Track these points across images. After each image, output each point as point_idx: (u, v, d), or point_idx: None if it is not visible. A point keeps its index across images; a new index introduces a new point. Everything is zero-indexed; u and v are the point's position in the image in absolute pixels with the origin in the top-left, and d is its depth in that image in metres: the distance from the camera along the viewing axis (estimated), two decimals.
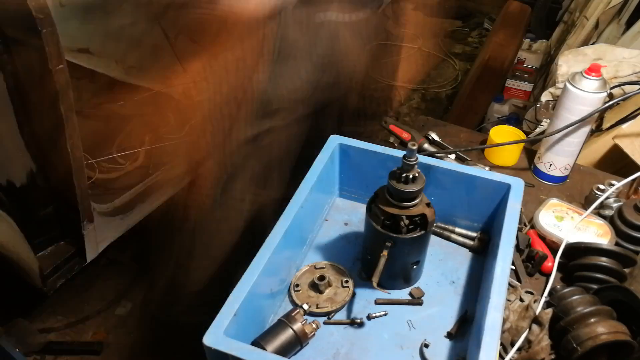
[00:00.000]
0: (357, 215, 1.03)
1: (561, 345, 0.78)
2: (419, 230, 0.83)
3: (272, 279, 0.82)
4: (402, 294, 0.89)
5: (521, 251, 0.97)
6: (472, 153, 1.24)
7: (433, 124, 1.36)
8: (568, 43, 2.27)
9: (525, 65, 2.62)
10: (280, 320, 0.79)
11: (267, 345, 0.75)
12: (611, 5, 2.07)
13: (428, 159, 0.94)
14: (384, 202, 0.82)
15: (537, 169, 1.18)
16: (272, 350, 0.75)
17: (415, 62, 3.23)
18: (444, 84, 3.44)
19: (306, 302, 0.86)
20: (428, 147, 1.18)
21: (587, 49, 1.66)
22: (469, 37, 3.92)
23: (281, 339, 0.77)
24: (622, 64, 1.54)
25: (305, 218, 0.91)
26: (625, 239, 0.97)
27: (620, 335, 0.75)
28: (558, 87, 1.65)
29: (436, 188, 0.93)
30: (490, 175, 0.92)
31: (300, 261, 0.94)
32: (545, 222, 1.00)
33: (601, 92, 1.03)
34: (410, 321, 0.85)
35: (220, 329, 0.68)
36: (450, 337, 0.82)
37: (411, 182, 0.79)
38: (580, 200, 1.12)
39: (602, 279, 0.88)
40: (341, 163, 1.01)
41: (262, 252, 0.78)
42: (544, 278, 0.95)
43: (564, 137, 1.10)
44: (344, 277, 0.90)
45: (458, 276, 0.92)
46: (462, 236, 0.98)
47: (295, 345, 0.78)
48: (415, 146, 0.76)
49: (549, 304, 0.84)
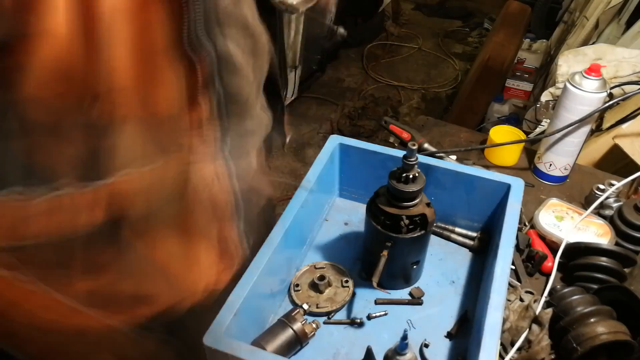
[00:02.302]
0: (357, 215, 1.03)
1: (561, 345, 0.78)
2: (419, 230, 0.83)
3: (272, 278, 0.82)
4: (402, 294, 0.89)
5: (521, 251, 0.97)
6: (472, 153, 1.24)
7: (433, 124, 1.36)
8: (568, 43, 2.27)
9: (525, 65, 2.63)
10: (280, 320, 0.79)
11: (267, 345, 0.75)
12: (611, 5, 2.07)
13: (428, 159, 0.94)
14: (384, 202, 0.82)
15: (537, 169, 1.18)
16: (272, 350, 0.75)
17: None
18: (444, 84, 3.44)
19: (306, 302, 0.86)
20: (428, 147, 1.18)
21: (587, 49, 1.65)
22: (469, 37, 3.92)
23: (281, 338, 0.77)
24: (622, 64, 1.54)
25: (305, 218, 0.91)
26: (625, 238, 0.97)
27: (620, 335, 0.75)
28: (558, 87, 1.65)
29: (436, 188, 0.93)
30: (490, 175, 0.92)
31: (300, 261, 0.94)
32: (545, 222, 1.00)
33: (601, 92, 1.03)
34: (410, 321, 0.85)
35: (220, 329, 0.68)
36: (450, 337, 0.82)
37: (411, 182, 0.79)
38: (580, 200, 1.12)
39: (602, 279, 0.88)
40: (341, 163, 1.01)
41: (262, 251, 0.78)
42: (544, 278, 0.95)
43: (564, 137, 1.10)
44: (344, 277, 0.90)
45: (458, 276, 0.92)
46: (462, 236, 0.98)
47: (295, 345, 0.78)
48: (415, 146, 0.76)
49: (549, 304, 0.84)
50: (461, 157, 1.20)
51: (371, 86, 3.39)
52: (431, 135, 1.30)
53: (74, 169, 0.53)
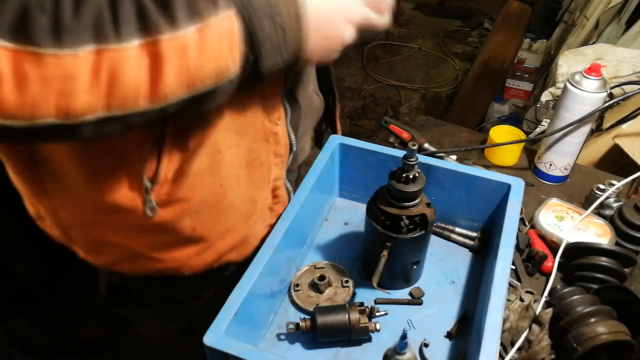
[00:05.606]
0: (357, 215, 1.03)
1: (561, 345, 0.78)
2: (419, 230, 0.83)
3: (272, 278, 0.82)
4: (402, 294, 0.89)
5: (521, 251, 0.97)
6: (472, 153, 1.24)
7: (433, 124, 1.36)
8: (568, 43, 2.28)
9: (525, 65, 2.63)
10: (343, 305, 0.81)
11: (319, 316, 0.78)
12: (611, 5, 2.07)
13: (428, 159, 0.94)
14: (384, 202, 0.82)
15: (537, 168, 1.18)
16: (320, 322, 0.78)
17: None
18: (444, 84, 3.44)
19: (306, 302, 0.86)
20: (428, 147, 1.18)
21: (587, 49, 1.66)
22: (469, 37, 3.92)
23: (334, 318, 0.79)
24: (622, 63, 1.54)
25: (305, 218, 0.91)
26: (626, 238, 0.97)
27: (620, 335, 0.75)
28: (558, 87, 1.65)
29: (436, 188, 0.93)
30: (490, 175, 0.92)
31: (300, 261, 0.94)
32: (545, 222, 1.00)
33: (601, 92, 1.03)
34: (410, 321, 0.85)
35: (220, 328, 0.68)
36: (450, 337, 0.82)
37: (411, 182, 0.79)
38: (581, 200, 1.12)
39: (602, 279, 0.88)
40: (341, 163, 1.01)
41: (262, 251, 0.78)
42: (544, 278, 0.95)
43: (564, 136, 1.10)
44: (344, 277, 0.90)
45: (458, 276, 0.92)
46: (462, 236, 0.98)
47: (343, 333, 0.79)
48: (415, 146, 0.76)
49: (549, 304, 0.84)
50: (461, 157, 1.20)
51: (371, 86, 3.39)
52: (431, 135, 1.30)
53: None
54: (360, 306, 0.80)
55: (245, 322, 0.73)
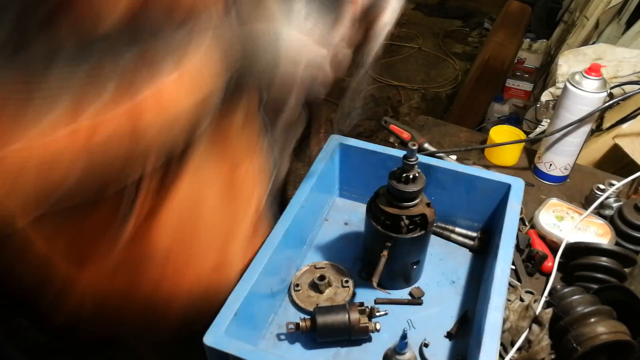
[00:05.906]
0: (357, 215, 1.03)
1: (561, 345, 0.78)
2: (419, 230, 0.83)
3: (272, 278, 0.82)
4: (402, 294, 0.89)
5: (521, 251, 0.97)
6: (472, 153, 1.24)
7: (433, 124, 1.36)
8: (568, 43, 2.27)
9: (525, 65, 2.63)
10: (343, 305, 0.81)
11: (320, 316, 0.78)
12: (611, 5, 2.07)
13: (428, 159, 0.94)
14: (384, 202, 0.82)
15: (537, 168, 1.18)
16: (320, 322, 0.77)
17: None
18: (444, 84, 3.44)
19: (306, 302, 0.86)
20: (428, 147, 1.18)
21: (587, 49, 1.65)
22: (469, 37, 3.92)
23: (334, 318, 0.78)
24: (622, 63, 1.54)
25: (305, 218, 0.91)
26: (626, 238, 0.97)
27: (620, 335, 0.75)
28: (558, 87, 1.65)
29: (436, 188, 0.93)
30: (490, 175, 0.92)
31: (300, 261, 0.94)
32: (545, 222, 1.00)
33: (601, 91, 1.03)
34: (410, 321, 0.85)
35: (220, 328, 0.68)
36: (450, 337, 0.82)
37: (411, 182, 0.79)
38: (581, 200, 1.12)
39: (602, 279, 0.88)
40: (341, 163, 1.01)
41: (262, 251, 0.78)
42: (544, 278, 0.95)
43: (564, 136, 1.10)
44: (344, 277, 0.90)
45: (458, 276, 0.92)
46: (462, 236, 0.98)
47: (343, 333, 0.79)
48: (415, 146, 0.76)
49: (549, 304, 0.84)
50: (461, 157, 1.20)
51: (371, 86, 3.39)
52: (431, 135, 1.30)
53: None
54: (360, 306, 0.80)
55: (245, 322, 0.73)
